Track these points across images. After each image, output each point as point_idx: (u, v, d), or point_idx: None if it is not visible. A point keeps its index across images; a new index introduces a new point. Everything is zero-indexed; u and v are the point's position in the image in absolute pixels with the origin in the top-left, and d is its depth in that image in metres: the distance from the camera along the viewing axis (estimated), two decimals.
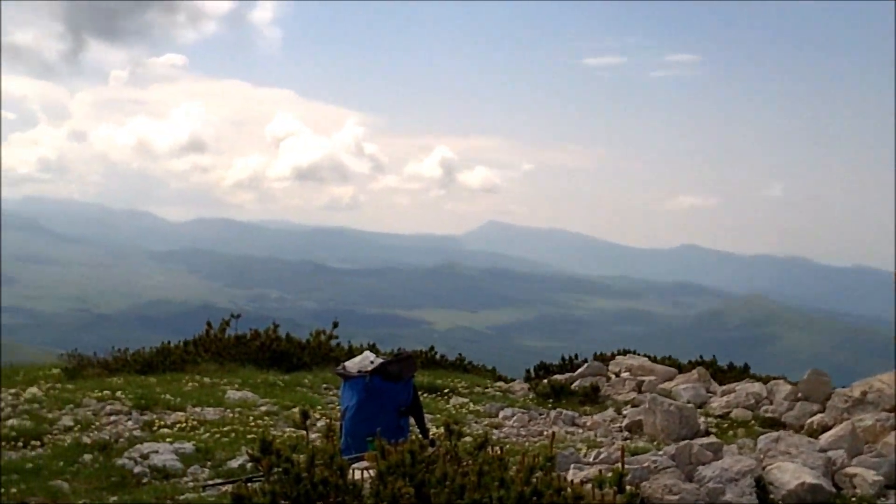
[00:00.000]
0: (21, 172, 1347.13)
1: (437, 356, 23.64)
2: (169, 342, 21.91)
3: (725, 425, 15.45)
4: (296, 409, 14.68)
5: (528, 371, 22.19)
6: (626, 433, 15.03)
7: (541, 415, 16.66)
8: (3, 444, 12.06)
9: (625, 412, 16.37)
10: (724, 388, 18.09)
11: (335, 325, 22.67)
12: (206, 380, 17.96)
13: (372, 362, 10.64)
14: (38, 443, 12.27)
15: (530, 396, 18.77)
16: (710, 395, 17.99)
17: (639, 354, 21.62)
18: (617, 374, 19.88)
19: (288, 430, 13.47)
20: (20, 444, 12.13)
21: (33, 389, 16.38)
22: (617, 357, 21.30)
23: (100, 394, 15.57)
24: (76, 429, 13.09)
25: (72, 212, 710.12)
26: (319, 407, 15.41)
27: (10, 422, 13.40)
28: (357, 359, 10.87)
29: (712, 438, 11.83)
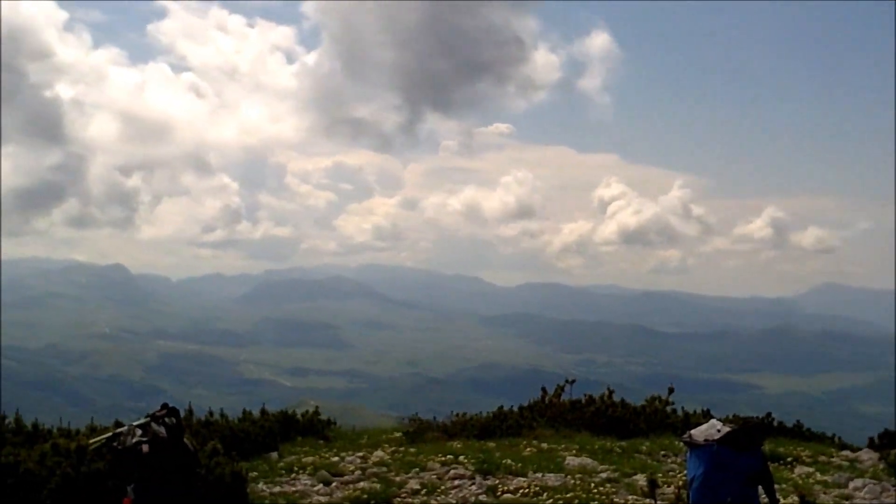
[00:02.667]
0: (358, 241, 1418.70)
1: (774, 422, 22.72)
2: (502, 406, 22.17)
3: None
4: (636, 477, 14.47)
5: (871, 439, 20.88)
6: None
7: (894, 486, 15.59)
8: None
9: None
10: None
11: (671, 390, 22.25)
12: (544, 445, 18.04)
13: (719, 430, 10.29)
14: None
15: (880, 467, 17.58)
16: None
17: None
18: None
19: (630, 497, 13.27)
20: None
21: (379, 453, 17.04)
22: None
23: (443, 458, 15.96)
24: (423, 492, 13.46)
25: (404, 278, 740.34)
26: (660, 475, 15.09)
27: (360, 484, 13.98)
28: (703, 427, 10.55)
29: None
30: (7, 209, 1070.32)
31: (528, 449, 17.50)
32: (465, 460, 15.71)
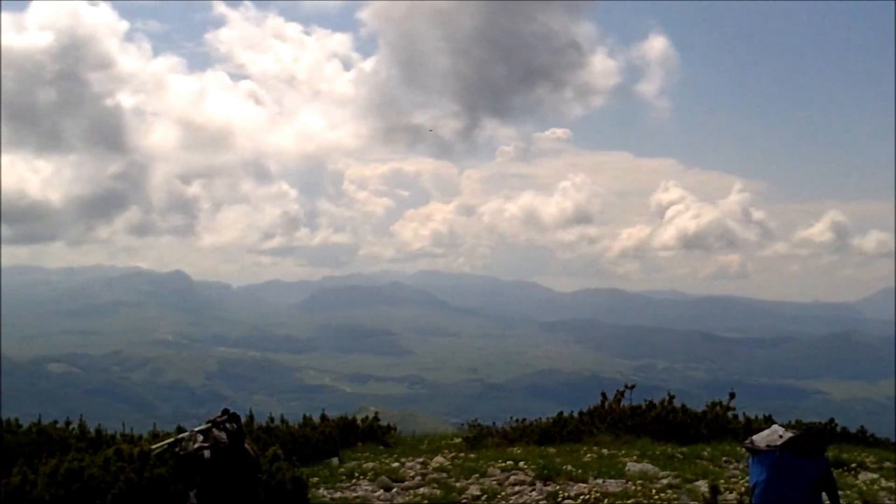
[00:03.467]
0: (415, 247, 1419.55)
1: (838, 428, 22.42)
2: (562, 412, 22.09)
3: None
4: (698, 483, 14.36)
5: None
6: None
7: None
8: None
9: None
10: None
11: (732, 396, 22.04)
12: (604, 451, 17.96)
13: (781, 436, 10.16)
14: None
15: None
16: None
17: None
18: None
19: None
20: None
21: (439, 458, 17.05)
22: None
23: (503, 463, 15.94)
24: (483, 498, 13.46)
25: (463, 284, 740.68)
26: (722, 481, 14.93)
27: (420, 490, 14.01)
28: (765, 432, 10.42)
29: None
30: (70, 218, 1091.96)
31: (589, 454, 17.44)
32: (526, 466, 15.68)
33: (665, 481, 14.85)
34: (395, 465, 16.63)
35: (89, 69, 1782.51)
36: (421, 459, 17.06)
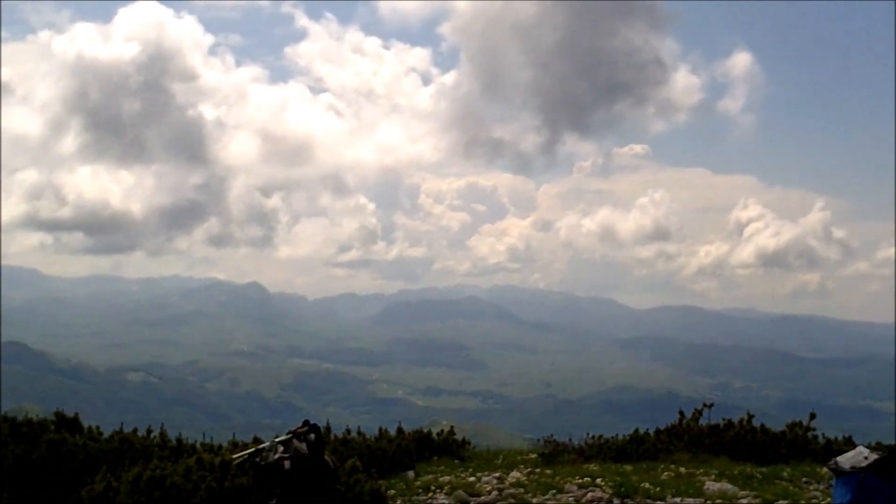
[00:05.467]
0: (491, 262, 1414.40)
1: None
2: (637, 430, 21.94)
3: None
4: None
5: None
6: None
7: None
8: None
9: None
10: None
11: (812, 416, 21.68)
12: (682, 469, 17.78)
13: (866, 458, 10.01)
14: None
15: None
16: None
17: None
18: None
19: None
20: None
21: (515, 473, 17.02)
22: None
23: (580, 480, 15.87)
24: None
25: (538, 299, 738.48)
26: (803, 502, 14.70)
27: None
28: (850, 454, 10.27)
29: None
30: (151, 228, 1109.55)
31: (666, 473, 17.27)
32: (603, 483, 15.59)
33: (744, 501, 14.65)
34: (471, 479, 16.64)
35: (173, 80, 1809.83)
36: (497, 474, 17.04)
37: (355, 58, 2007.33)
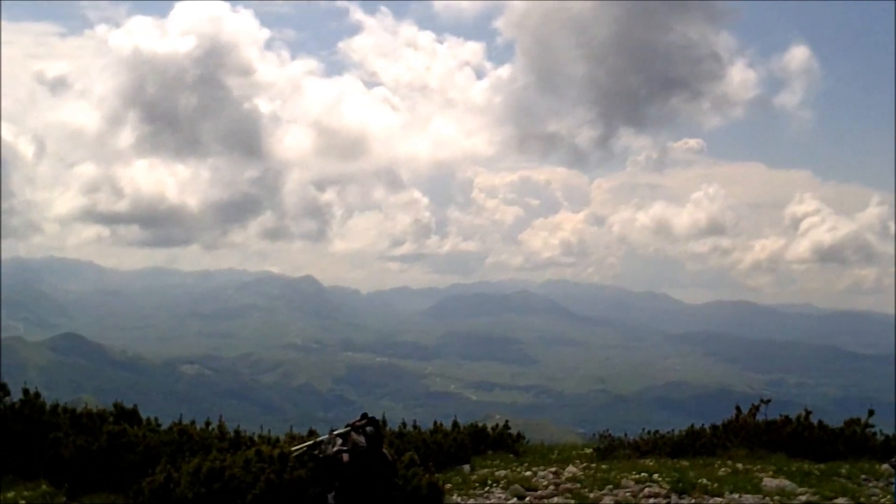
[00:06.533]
0: (544, 256, 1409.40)
1: None
2: (693, 425, 21.79)
3: None
4: (838, 501, 14.04)
5: None
6: None
7: None
8: None
9: None
10: None
11: (871, 413, 21.42)
12: (739, 465, 17.65)
13: None
14: None
15: None
16: None
17: None
18: None
19: None
20: None
21: (571, 468, 17.00)
22: None
23: (636, 475, 15.81)
24: None
25: (592, 294, 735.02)
26: (862, 499, 14.53)
27: (554, 500, 13.99)
28: None
29: None
30: (207, 222, 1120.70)
31: (723, 469, 17.16)
32: (660, 478, 15.52)
33: (803, 498, 14.51)
34: (527, 473, 16.65)
35: (229, 74, 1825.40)
36: (553, 469, 17.03)
37: (409, 52, 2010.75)
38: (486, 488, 15.05)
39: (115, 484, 13.84)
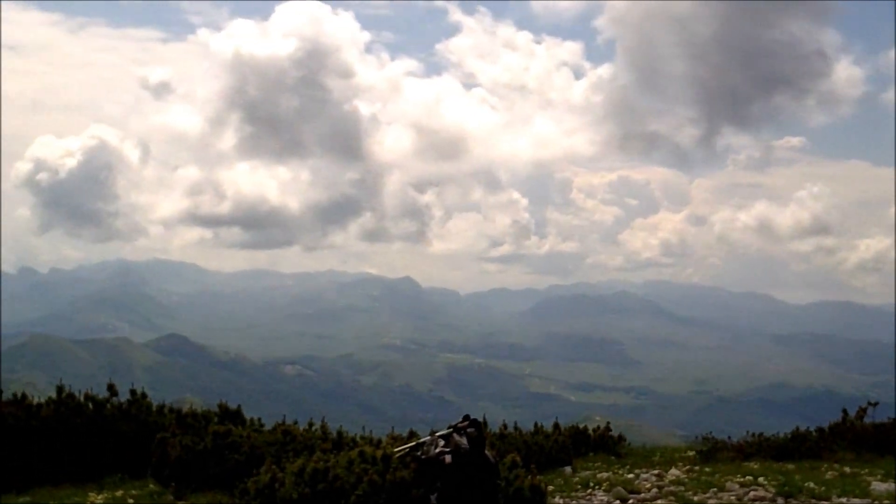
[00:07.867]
0: (644, 257, 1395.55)
1: None
2: (798, 427, 21.43)
3: None
4: None
5: None
6: None
7: None
8: None
9: None
10: None
11: None
12: (846, 469, 17.31)
13: None
14: None
15: None
16: None
17: None
18: None
19: None
20: None
21: (674, 471, 16.85)
22: None
23: (741, 478, 15.61)
24: None
25: (692, 295, 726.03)
26: None
27: (657, 502, 13.88)
28: None
29: None
30: (307, 224, 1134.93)
31: (830, 472, 16.84)
32: (765, 482, 15.30)
33: None
34: (630, 476, 16.56)
35: (330, 76, 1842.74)
36: (655, 471, 16.90)
37: (506, 52, 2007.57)
38: (588, 490, 15.00)
39: (220, 483, 14.12)
